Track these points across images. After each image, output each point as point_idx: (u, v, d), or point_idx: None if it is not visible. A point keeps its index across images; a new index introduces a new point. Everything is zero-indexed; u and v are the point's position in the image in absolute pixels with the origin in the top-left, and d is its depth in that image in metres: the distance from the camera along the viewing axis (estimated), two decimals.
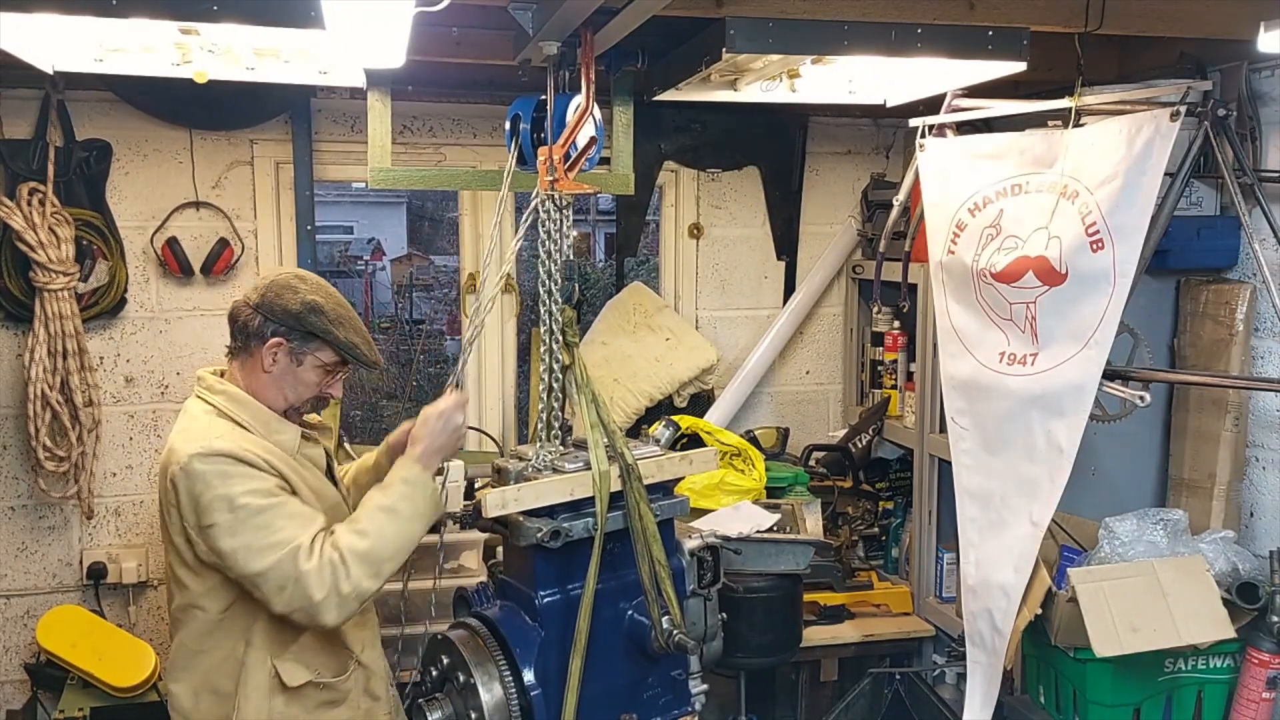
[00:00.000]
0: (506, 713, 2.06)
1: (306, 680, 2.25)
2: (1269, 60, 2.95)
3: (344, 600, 2.10)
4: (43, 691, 3.36)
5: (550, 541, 2.08)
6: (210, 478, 2.10)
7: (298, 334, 2.24)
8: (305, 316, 2.22)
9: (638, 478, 2.14)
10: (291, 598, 2.08)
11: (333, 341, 2.25)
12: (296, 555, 2.07)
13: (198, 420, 2.23)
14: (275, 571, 2.08)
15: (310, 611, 2.09)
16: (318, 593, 2.07)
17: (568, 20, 2.10)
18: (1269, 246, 2.83)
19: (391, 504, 2.18)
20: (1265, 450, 3.10)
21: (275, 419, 2.27)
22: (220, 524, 2.09)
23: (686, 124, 3.92)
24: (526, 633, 2.12)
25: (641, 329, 3.91)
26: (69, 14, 1.94)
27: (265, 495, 2.12)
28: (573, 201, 2.29)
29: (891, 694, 3.40)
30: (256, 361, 2.25)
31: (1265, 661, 2.63)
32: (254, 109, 3.51)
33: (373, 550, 2.12)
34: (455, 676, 2.10)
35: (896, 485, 3.91)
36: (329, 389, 2.32)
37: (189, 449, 2.13)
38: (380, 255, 16.22)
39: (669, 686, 2.29)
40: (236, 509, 2.09)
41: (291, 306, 2.22)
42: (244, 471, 2.11)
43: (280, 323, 2.23)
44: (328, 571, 2.08)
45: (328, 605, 2.09)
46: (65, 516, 3.53)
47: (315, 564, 2.07)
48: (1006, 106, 2.98)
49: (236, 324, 2.28)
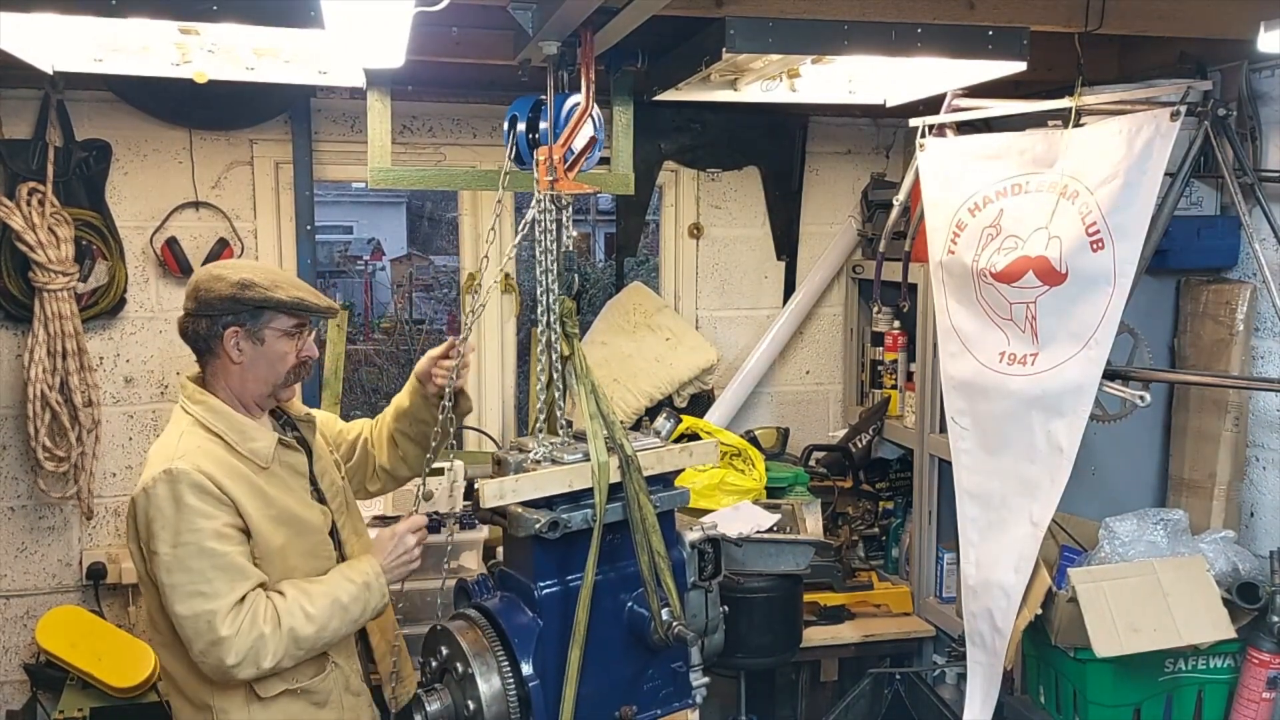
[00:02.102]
0: (504, 703, 2.05)
1: (282, 689, 2.25)
2: (1269, 60, 2.95)
3: (260, 669, 2.14)
4: (42, 692, 3.36)
5: (548, 532, 2.07)
6: (163, 504, 2.12)
7: (245, 313, 2.23)
8: (241, 295, 2.22)
9: (637, 469, 2.14)
10: (204, 654, 2.12)
11: (279, 305, 2.24)
12: (214, 620, 2.09)
13: (172, 435, 2.24)
14: (190, 623, 2.11)
15: (219, 672, 2.13)
16: (231, 658, 2.10)
17: (568, 20, 2.10)
18: (1269, 246, 2.83)
19: (348, 602, 2.24)
20: (1265, 450, 3.10)
21: (252, 427, 2.28)
22: (160, 554, 2.12)
23: (686, 124, 3.92)
24: (525, 624, 2.12)
25: (641, 329, 3.91)
26: (69, 14, 1.93)
27: (211, 537, 2.12)
28: (572, 201, 2.29)
29: (891, 694, 3.40)
30: (224, 358, 2.26)
31: (1265, 661, 2.63)
32: (254, 109, 3.51)
33: (312, 638, 2.19)
34: (454, 667, 2.10)
35: (896, 485, 3.91)
36: (304, 352, 2.32)
37: (157, 464, 2.16)
38: (380, 255, 16.21)
39: (670, 679, 2.28)
40: (179, 545, 2.11)
41: (225, 292, 2.22)
42: (195, 506, 2.12)
43: (224, 311, 2.23)
44: (250, 639, 2.11)
45: (243, 669, 2.12)
46: (65, 517, 3.53)
47: (234, 630, 2.10)
48: (1006, 106, 2.98)
49: (189, 336, 2.28)
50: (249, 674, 2.14)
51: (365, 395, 8.72)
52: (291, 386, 2.38)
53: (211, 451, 2.20)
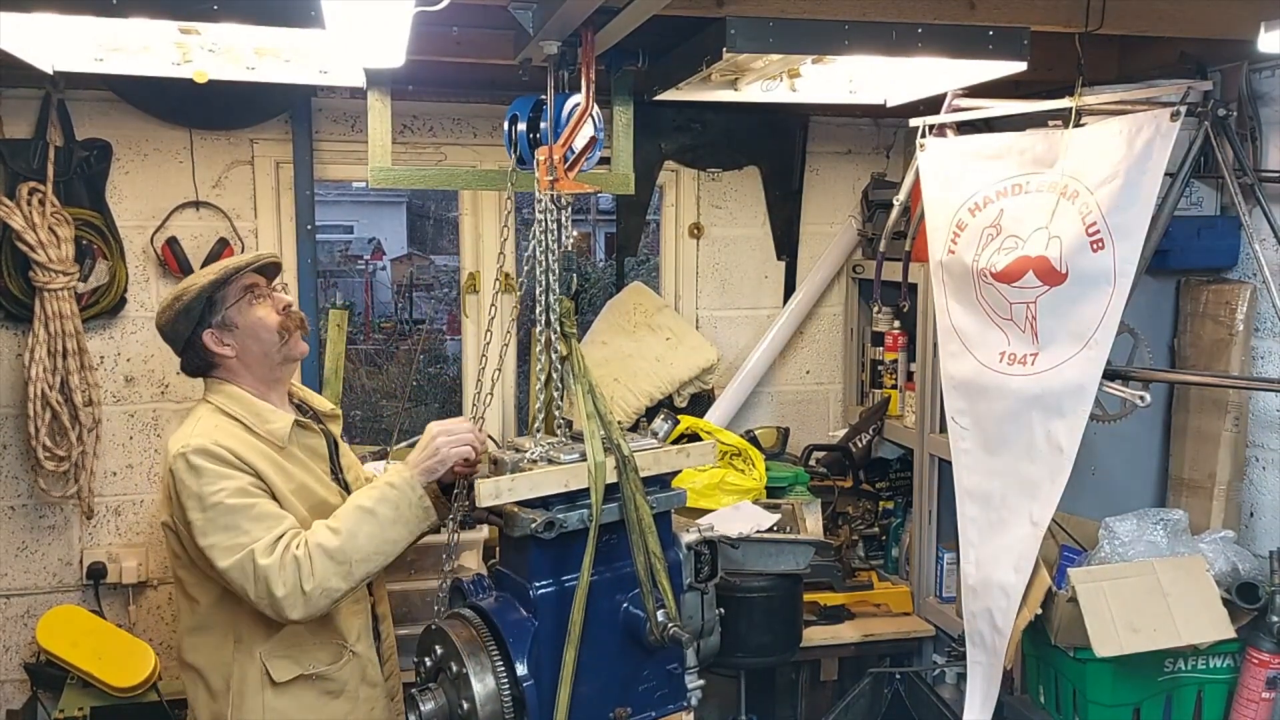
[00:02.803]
0: (498, 703, 2.05)
1: (297, 674, 2.26)
2: (1269, 60, 2.95)
3: (309, 598, 2.12)
4: (42, 691, 3.36)
5: (544, 532, 2.07)
6: (185, 476, 2.15)
7: (202, 312, 2.28)
8: (186, 300, 2.27)
9: (634, 469, 2.13)
10: (257, 594, 2.11)
11: (215, 283, 2.28)
12: (254, 553, 2.10)
13: (192, 420, 2.29)
14: (237, 570, 2.11)
15: (275, 608, 2.12)
16: (279, 589, 2.10)
17: (568, 20, 2.10)
18: (1269, 246, 2.83)
19: (371, 505, 2.20)
20: (1265, 450, 3.10)
21: (268, 409, 2.31)
22: (194, 522, 2.14)
23: (686, 124, 3.92)
24: (520, 623, 2.12)
25: (642, 329, 3.91)
26: (69, 14, 1.93)
27: (235, 495, 2.15)
28: (573, 201, 2.29)
29: (891, 694, 3.40)
30: (221, 359, 2.31)
31: (1265, 661, 2.63)
32: (254, 109, 3.51)
33: (341, 549, 2.14)
34: (448, 667, 2.10)
35: (896, 485, 3.91)
36: (279, 308, 2.34)
37: (175, 447, 2.19)
38: (380, 255, 16.21)
39: (665, 680, 2.28)
40: (207, 508, 2.13)
41: (172, 315, 2.29)
42: (216, 470, 2.15)
43: (186, 327, 2.28)
44: (290, 569, 2.10)
45: (291, 602, 2.11)
46: (65, 516, 3.53)
47: (275, 560, 2.10)
48: (1006, 106, 2.98)
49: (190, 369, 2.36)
50: (299, 607, 2.11)
51: (365, 395, 8.72)
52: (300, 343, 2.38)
53: (229, 430, 2.24)
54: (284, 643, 2.27)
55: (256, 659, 2.25)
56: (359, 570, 2.17)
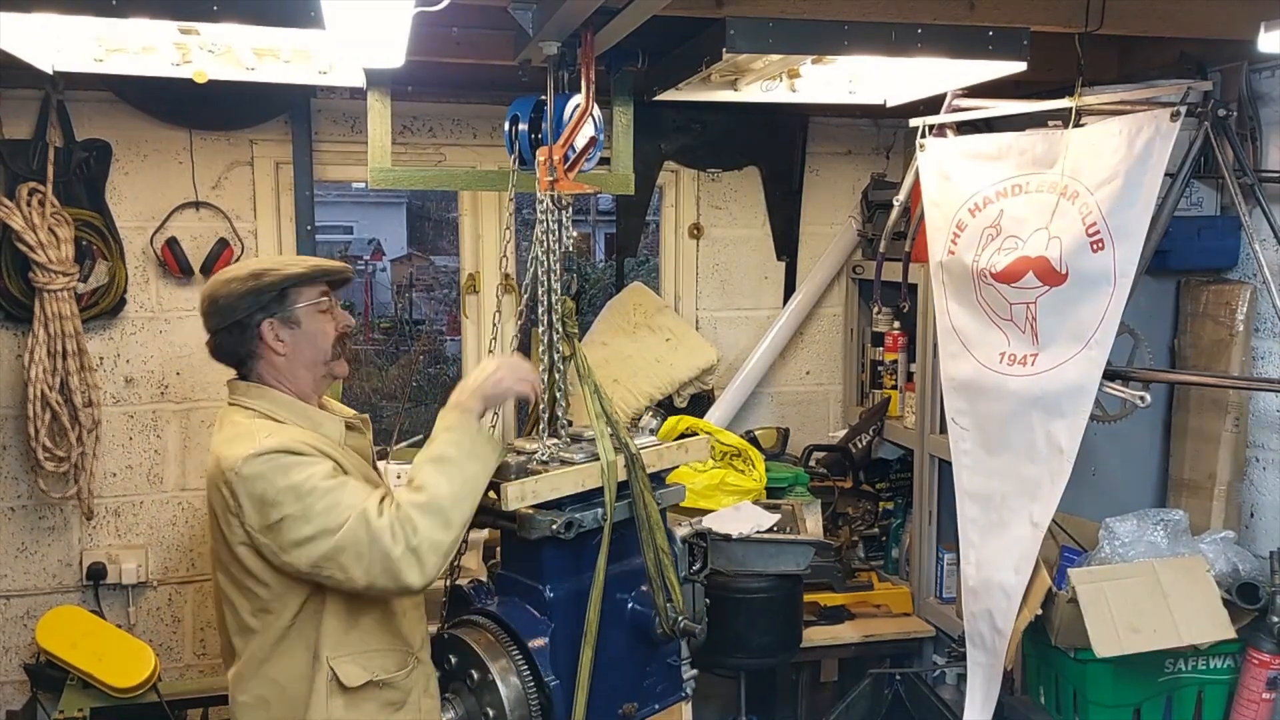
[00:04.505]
0: (526, 707, 2.06)
1: (366, 680, 2.15)
2: (1269, 60, 2.95)
3: (420, 555, 2.00)
4: (42, 692, 3.35)
5: (565, 533, 2.09)
6: (271, 474, 2.02)
7: (272, 302, 2.15)
8: (259, 284, 2.14)
9: (642, 467, 2.16)
10: (371, 563, 1.99)
11: (299, 279, 2.17)
12: (366, 517, 2.00)
13: (241, 425, 2.14)
14: (350, 539, 1.99)
15: (393, 571, 1.99)
16: (395, 548, 1.98)
17: (568, 20, 2.10)
18: (1269, 246, 2.83)
19: (438, 453, 2.10)
20: (1265, 450, 3.10)
21: (317, 413, 2.21)
22: (292, 514, 2.02)
23: (686, 124, 3.92)
24: (538, 626, 2.13)
25: (642, 329, 3.91)
26: (69, 14, 1.93)
27: (326, 478, 2.05)
28: (573, 201, 2.29)
29: (891, 694, 3.40)
30: (268, 355, 2.18)
31: (1265, 662, 2.63)
32: (254, 109, 3.51)
33: (431, 501, 2.03)
34: (469, 675, 2.09)
35: (896, 485, 3.91)
36: (342, 322, 2.25)
37: (240, 453, 2.04)
38: (380, 255, 16.22)
39: (664, 674, 2.32)
40: (304, 496, 2.02)
41: (241, 289, 2.14)
42: (300, 461, 2.04)
43: (249, 308, 2.14)
44: (399, 527, 2.00)
45: (407, 563, 1.99)
46: (65, 517, 3.53)
47: (387, 520, 2.00)
48: (1006, 106, 2.98)
49: (224, 352, 2.20)
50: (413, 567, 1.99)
51: (365, 395, 8.71)
52: (343, 363, 2.29)
53: (291, 429, 2.13)
54: (353, 646, 2.16)
55: (325, 666, 2.13)
56: (455, 515, 2.05)
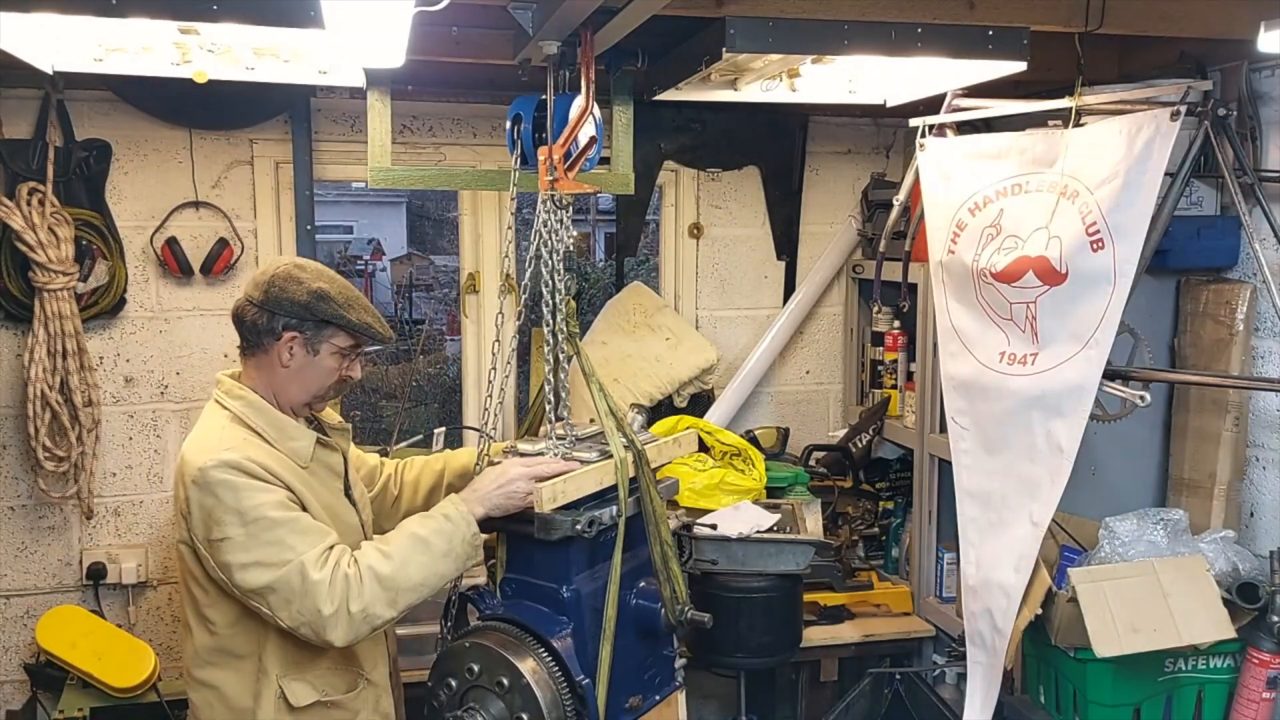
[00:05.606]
0: (561, 709, 2.07)
1: (314, 700, 2.18)
2: (1269, 60, 2.95)
3: (353, 620, 2.03)
4: (42, 692, 3.36)
5: (588, 531, 2.11)
6: (222, 492, 2.04)
7: (310, 324, 2.17)
8: (315, 305, 2.16)
9: (648, 463, 2.20)
10: (299, 613, 2.02)
11: (346, 326, 2.19)
12: (304, 569, 2.01)
13: (210, 429, 2.17)
14: (283, 584, 2.01)
15: (317, 627, 2.02)
16: (326, 606, 2.00)
17: (568, 20, 2.10)
18: (1269, 246, 2.83)
19: (426, 535, 2.12)
20: (1265, 450, 3.10)
21: (291, 425, 2.21)
22: (233, 538, 2.03)
23: (686, 124, 3.92)
24: (561, 626, 2.15)
25: (641, 329, 3.91)
26: (69, 14, 1.93)
27: (276, 508, 2.05)
28: (573, 201, 2.30)
29: (891, 694, 3.40)
30: (273, 358, 2.19)
31: (1265, 661, 2.63)
32: (254, 109, 3.51)
33: (393, 576, 2.06)
34: (496, 682, 2.07)
35: (896, 485, 3.91)
36: (348, 372, 2.26)
37: (199, 460, 2.07)
38: (380, 255, 16.25)
39: (661, 665, 2.36)
40: (249, 523, 2.03)
41: (299, 298, 2.15)
42: (253, 486, 2.05)
43: (290, 315, 2.16)
44: (340, 586, 2.01)
45: (336, 622, 2.02)
46: (65, 516, 3.53)
47: (325, 575, 2.01)
48: (1006, 106, 2.98)
49: (244, 324, 2.20)
50: (340, 628, 2.02)
51: (365, 395, 8.72)
52: (324, 405, 2.33)
53: (256, 444, 2.14)
54: (302, 667, 2.18)
55: (273, 682, 2.16)
56: (403, 600, 2.08)
